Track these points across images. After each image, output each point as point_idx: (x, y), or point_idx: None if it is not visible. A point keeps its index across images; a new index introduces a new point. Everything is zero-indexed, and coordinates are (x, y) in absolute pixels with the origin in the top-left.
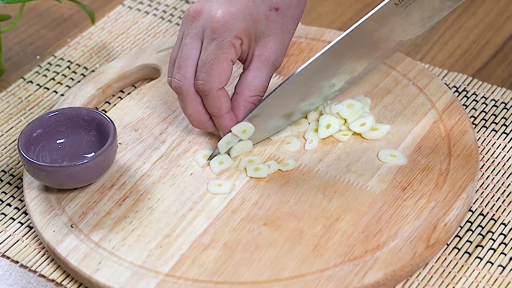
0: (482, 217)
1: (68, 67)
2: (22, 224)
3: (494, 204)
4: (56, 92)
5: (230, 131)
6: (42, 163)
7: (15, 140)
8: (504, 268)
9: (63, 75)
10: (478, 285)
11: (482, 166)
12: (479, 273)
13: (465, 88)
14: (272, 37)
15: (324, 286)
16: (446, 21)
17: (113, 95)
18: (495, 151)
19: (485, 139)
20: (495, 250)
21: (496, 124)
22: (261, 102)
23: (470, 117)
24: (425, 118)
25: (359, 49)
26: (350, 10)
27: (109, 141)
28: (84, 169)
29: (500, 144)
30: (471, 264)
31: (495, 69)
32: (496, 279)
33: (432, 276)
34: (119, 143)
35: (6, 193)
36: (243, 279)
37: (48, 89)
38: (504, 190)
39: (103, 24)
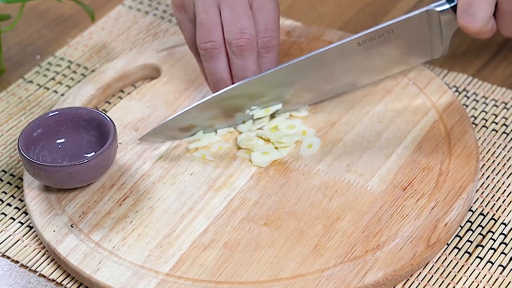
0: (483, 217)
1: (68, 67)
2: (22, 224)
3: (494, 204)
4: (56, 92)
5: None
6: (42, 163)
7: (15, 140)
8: (504, 268)
9: (63, 75)
10: (478, 284)
11: (483, 166)
12: (480, 272)
13: (465, 88)
14: None
15: (324, 286)
16: None
17: (113, 95)
18: (495, 151)
19: (485, 139)
20: (495, 250)
21: (496, 124)
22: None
23: (470, 117)
24: (425, 118)
25: (312, 77)
26: (350, 10)
27: (109, 141)
28: (84, 168)
29: (500, 144)
30: (471, 264)
31: (495, 69)
32: (497, 279)
33: (432, 276)
34: (119, 143)
35: (6, 193)
36: (243, 279)
37: (48, 89)
38: (505, 190)
39: (103, 24)
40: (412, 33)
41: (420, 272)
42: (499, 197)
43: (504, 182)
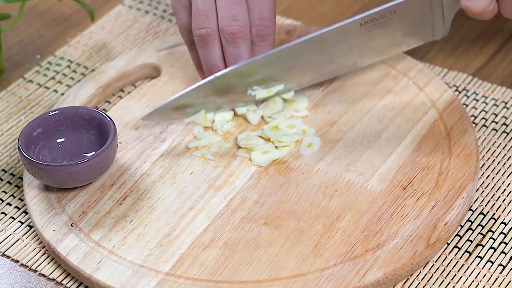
0: (483, 216)
1: (68, 66)
2: (22, 223)
3: (494, 203)
4: (56, 91)
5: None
6: (42, 162)
7: (15, 139)
8: (504, 267)
9: (63, 74)
10: (478, 284)
11: (483, 165)
12: (480, 272)
13: (465, 87)
14: None
15: (324, 285)
16: None
17: (113, 94)
18: (495, 150)
19: (485, 138)
20: (495, 249)
21: (496, 123)
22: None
23: (470, 116)
24: (425, 117)
25: (314, 57)
26: (350, 9)
27: (109, 140)
28: (84, 168)
29: (500, 143)
30: (471, 263)
31: (495, 68)
32: (497, 278)
33: (432, 275)
34: (119, 142)
35: (6, 192)
36: (243, 278)
37: (48, 88)
38: (505, 190)
39: (103, 23)
40: (414, 14)
41: (420, 272)
42: (499, 197)
43: (504, 181)
